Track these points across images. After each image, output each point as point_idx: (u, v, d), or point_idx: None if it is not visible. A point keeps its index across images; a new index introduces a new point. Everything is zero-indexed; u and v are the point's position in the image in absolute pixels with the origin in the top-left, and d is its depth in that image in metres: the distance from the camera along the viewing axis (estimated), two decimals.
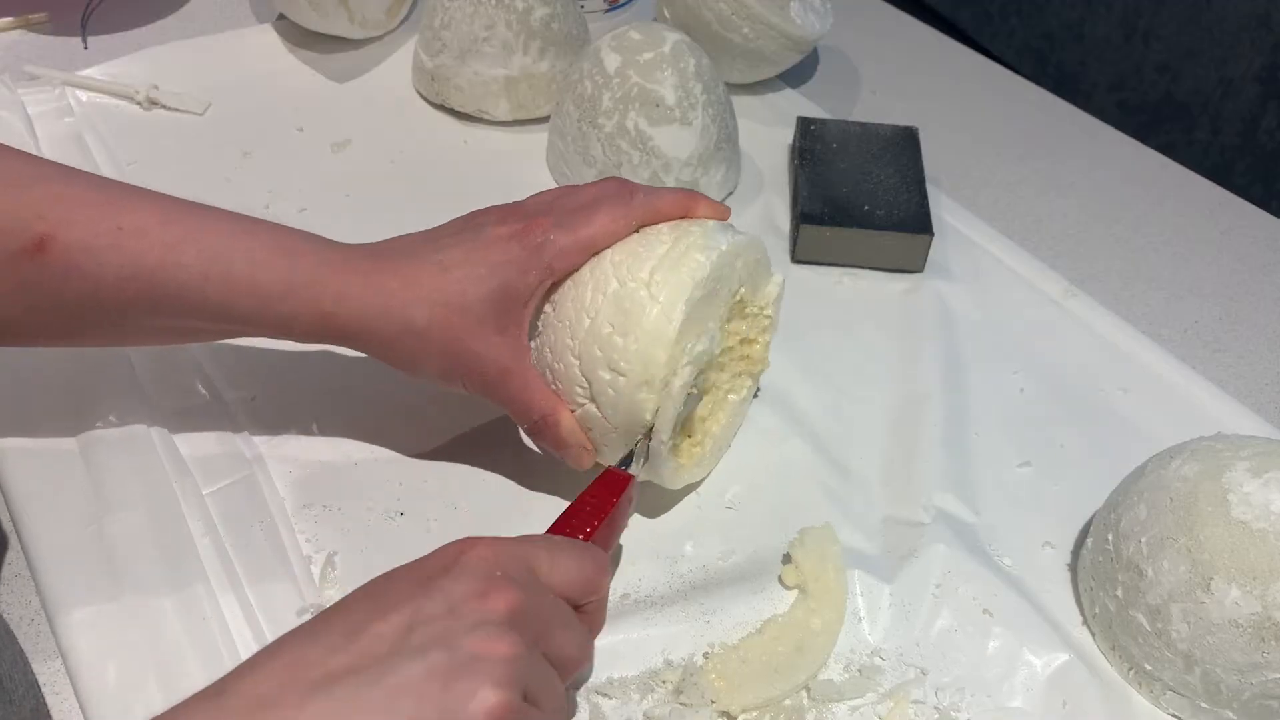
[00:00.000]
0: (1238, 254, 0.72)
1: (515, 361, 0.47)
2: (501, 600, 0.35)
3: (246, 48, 0.83)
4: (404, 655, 0.33)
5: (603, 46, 0.68)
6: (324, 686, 0.32)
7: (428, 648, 0.33)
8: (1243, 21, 1.57)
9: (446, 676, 0.32)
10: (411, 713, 0.31)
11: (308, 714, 0.31)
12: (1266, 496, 0.42)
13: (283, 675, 0.32)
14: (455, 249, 0.46)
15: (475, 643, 0.33)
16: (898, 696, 0.44)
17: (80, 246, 0.42)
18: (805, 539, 0.49)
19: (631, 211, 0.47)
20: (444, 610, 0.34)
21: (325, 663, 0.32)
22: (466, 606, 0.35)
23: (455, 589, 0.35)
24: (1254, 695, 0.42)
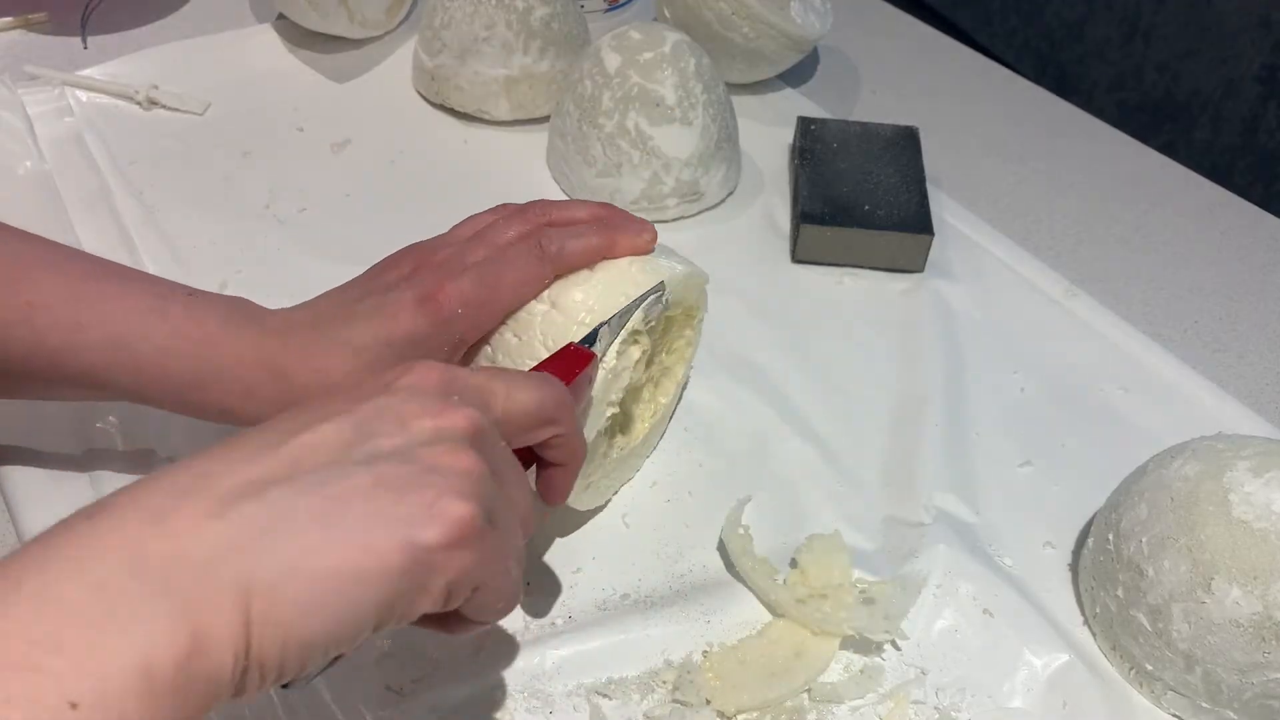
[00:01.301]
0: (1238, 254, 0.72)
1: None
2: (461, 418, 0.31)
3: (246, 48, 0.83)
4: (345, 464, 0.28)
5: (603, 46, 0.68)
6: (245, 494, 0.26)
7: (376, 458, 0.28)
8: (1243, 21, 1.57)
9: (401, 485, 0.28)
10: (359, 523, 0.27)
11: (220, 526, 0.25)
12: (1268, 496, 0.42)
13: (184, 485, 0.27)
14: (364, 324, 0.43)
15: (433, 454, 0.29)
16: (898, 696, 0.44)
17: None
18: (813, 545, 0.48)
19: (544, 269, 0.45)
20: (393, 425, 0.30)
21: (242, 472, 0.27)
22: (419, 422, 0.30)
23: (404, 406, 0.30)
24: (1255, 695, 0.42)
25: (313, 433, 0.29)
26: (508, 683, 0.43)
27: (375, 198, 0.70)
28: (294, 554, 0.26)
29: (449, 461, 0.29)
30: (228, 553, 0.25)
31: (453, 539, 0.28)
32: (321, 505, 0.27)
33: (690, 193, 0.69)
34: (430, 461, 0.29)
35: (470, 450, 0.30)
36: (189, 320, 0.43)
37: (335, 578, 0.26)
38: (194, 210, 0.67)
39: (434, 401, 0.31)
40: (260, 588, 0.25)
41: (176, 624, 0.24)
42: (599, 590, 0.48)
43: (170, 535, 0.25)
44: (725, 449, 0.55)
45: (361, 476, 0.28)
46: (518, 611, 0.46)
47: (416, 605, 0.28)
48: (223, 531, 0.25)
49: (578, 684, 0.44)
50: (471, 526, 0.28)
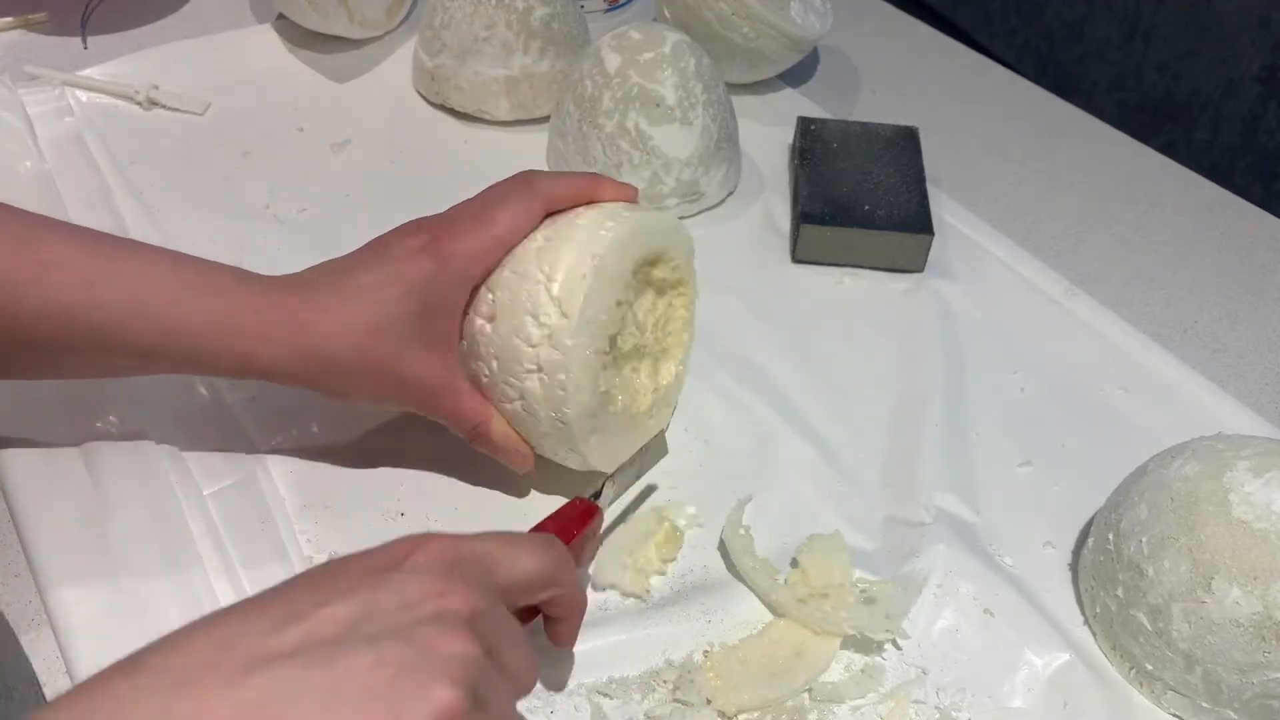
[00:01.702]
0: (1238, 254, 0.72)
1: (443, 377, 0.47)
2: (461, 600, 0.33)
3: (246, 48, 0.83)
4: (354, 642, 0.30)
5: (603, 46, 0.68)
6: (260, 665, 0.29)
7: (380, 637, 0.31)
8: (1243, 21, 1.57)
9: (399, 667, 0.30)
10: (357, 701, 0.29)
11: (239, 694, 0.28)
12: (1268, 496, 0.42)
13: (212, 652, 0.29)
14: (369, 273, 0.46)
15: (432, 637, 0.31)
16: (899, 696, 0.44)
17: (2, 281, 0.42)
18: (813, 545, 0.49)
19: (533, 203, 0.47)
20: (398, 604, 0.32)
21: (263, 642, 0.30)
22: (422, 603, 0.32)
23: (411, 585, 0.33)
24: (1255, 695, 0.42)
25: (328, 608, 0.31)
26: None
27: (375, 198, 0.70)
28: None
29: (443, 645, 0.31)
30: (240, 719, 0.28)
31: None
32: (326, 682, 0.29)
33: (690, 193, 0.69)
34: (427, 643, 0.31)
35: (466, 633, 0.32)
36: (201, 274, 0.45)
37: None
38: (194, 210, 0.67)
39: (438, 580, 0.33)
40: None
41: None
42: (600, 590, 0.48)
43: (192, 702, 0.28)
44: (725, 449, 0.55)
45: (364, 656, 0.30)
46: None
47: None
48: (237, 699, 0.28)
49: (579, 683, 0.44)
50: (456, 710, 0.30)
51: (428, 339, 0.46)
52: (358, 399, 0.48)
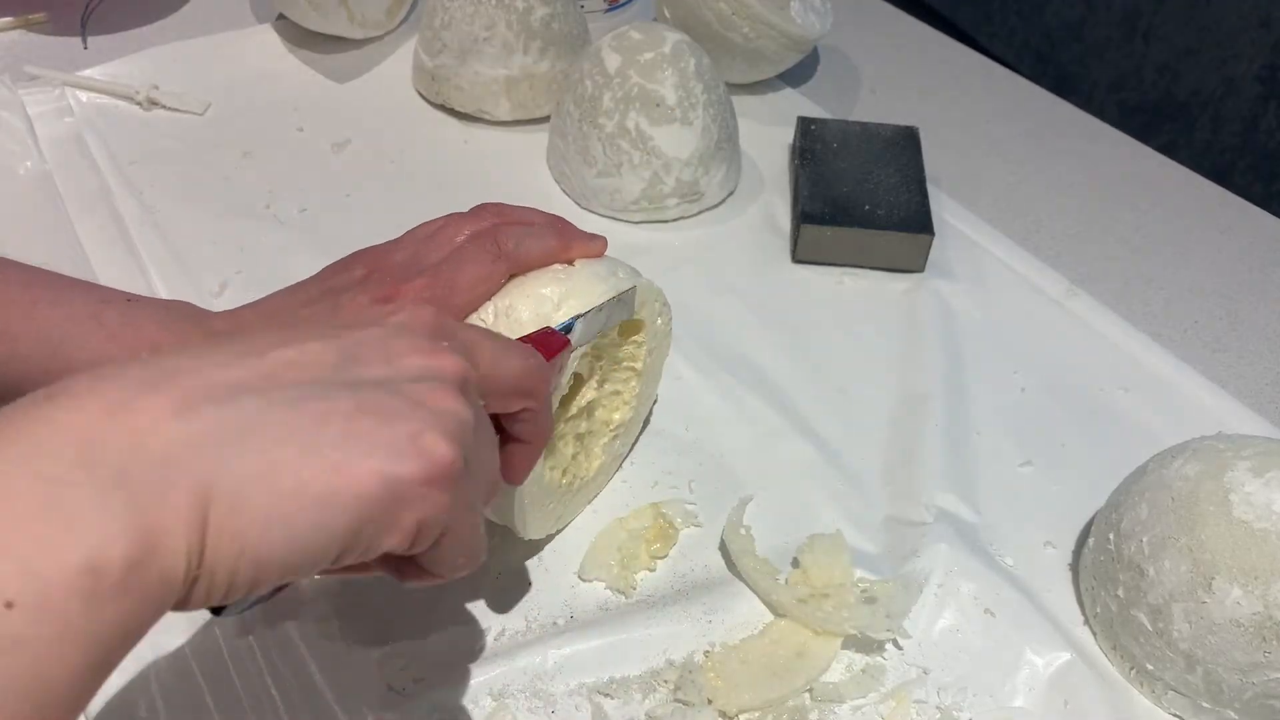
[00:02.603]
0: (1238, 254, 0.72)
1: None
2: (451, 363, 0.29)
3: (246, 48, 0.83)
4: (328, 384, 0.26)
5: (603, 46, 0.68)
6: (210, 397, 0.24)
7: (360, 384, 0.26)
8: (1243, 21, 1.57)
9: (384, 415, 0.26)
10: (337, 442, 0.25)
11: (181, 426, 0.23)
12: (1268, 496, 0.42)
13: (150, 378, 0.24)
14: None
15: (421, 390, 0.27)
16: (900, 696, 0.44)
17: None
18: (814, 545, 0.49)
19: (497, 267, 0.43)
20: (380, 356, 0.28)
21: (212, 373, 0.25)
22: (408, 359, 0.28)
23: (394, 341, 0.29)
24: (1256, 695, 0.42)
25: (296, 349, 0.27)
26: (509, 682, 0.43)
27: (375, 198, 0.70)
28: (261, 464, 0.24)
29: (436, 400, 0.28)
30: (189, 453, 0.23)
31: (432, 476, 0.27)
32: (297, 420, 0.25)
33: (690, 193, 0.69)
34: (417, 397, 0.27)
35: (458, 393, 0.29)
36: (127, 326, 0.41)
37: (303, 496, 0.24)
38: (194, 210, 0.67)
39: (425, 341, 0.30)
40: (221, 494, 0.23)
41: (128, 522, 0.22)
42: (600, 590, 0.48)
43: (128, 428, 0.23)
44: (726, 449, 0.55)
45: (344, 399, 0.26)
46: (519, 611, 0.47)
47: (383, 540, 0.27)
48: (185, 430, 0.23)
49: (579, 683, 0.44)
50: (453, 467, 0.27)
51: None
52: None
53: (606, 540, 0.49)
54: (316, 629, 0.45)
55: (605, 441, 0.51)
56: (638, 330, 0.50)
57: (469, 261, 0.43)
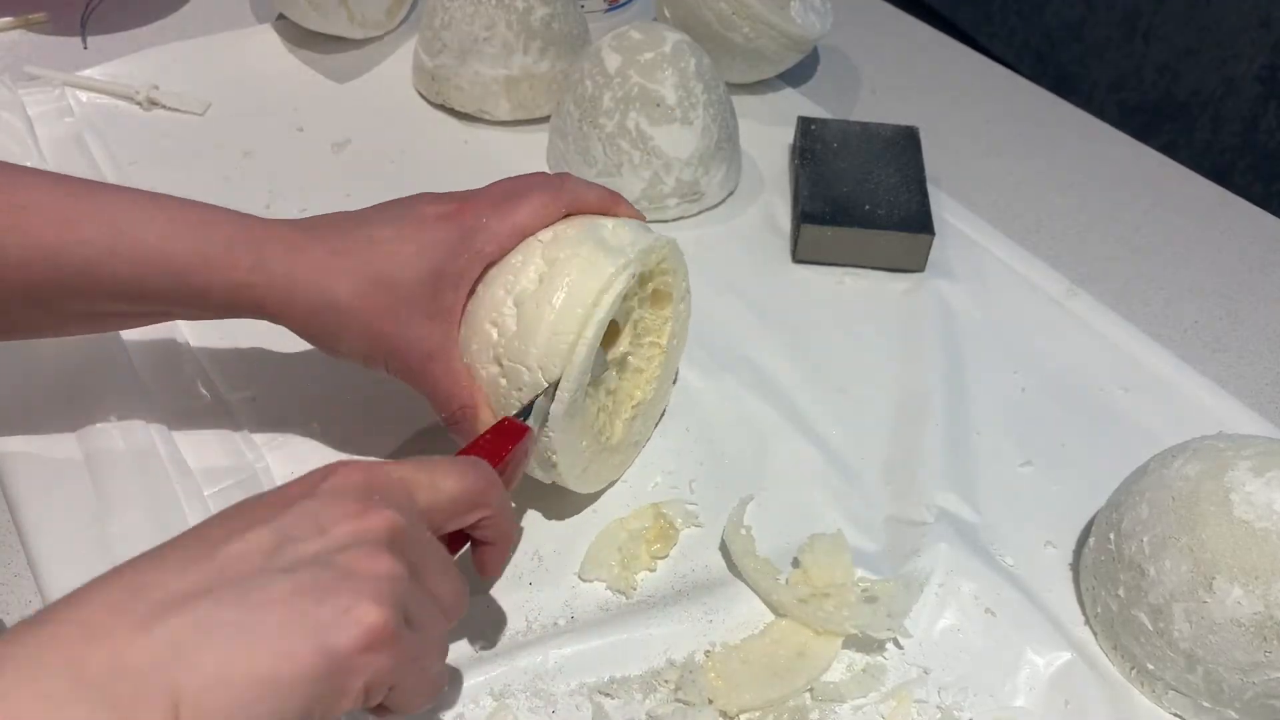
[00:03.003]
0: (1238, 254, 0.72)
1: (440, 348, 0.45)
2: (379, 520, 0.32)
3: (246, 48, 0.83)
4: (268, 573, 0.29)
5: (603, 46, 0.68)
6: (170, 609, 0.28)
7: (296, 566, 0.29)
8: (1243, 21, 1.57)
9: (318, 592, 0.29)
10: (277, 631, 0.28)
11: (149, 639, 0.27)
12: (1269, 496, 0.42)
13: (120, 598, 0.28)
14: (386, 225, 0.45)
15: (351, 559, 0.30)
16: (900, 696, 0.44)
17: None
18: (815, 545, 0.48)
19: (560, 198, 0.47)
20: (313, 530, 0.31)
21: (170, 584, 0.28)
22: (339, 527, 0.31)
23: (325, 510, 0.31)
24: (1256, 694, 0.42)
25: (238, 541, 0.30)
26: (510, 682, 0.43)
27: (375, 198, 0.69)
28: (216, 664, 0.27)
29: (365, 566, 0.30)
30: (157, 665, 0.27)
31: (367, 643, 0.29)
32: (242, 616, 0.28)
33: (691, 193, 0.69)
34: (347, 566, 0.30)
35: (387, 554, 0.31)
36: (186, 208, 0.43)
37: (256, 685, 0.27)
38: None
39: (353, 503, 0.32)
40: (187, 697, 0.27)
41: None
42: (601, 590, 0.48)
43: (105, 649, 0.27)
44: (726, 449, 0.55)
45: (281, 585, 0.29)
46: (520, 611, 0.47)
47: (336, 707, 0.30)
48: (151, 645, 0.27)
49: (580, 683, 0.44)
50: (385, 630, 0.30)
51: (432, 308, 0.44)
52: (345, 350, 0.45)
53: (607, 540, 0.49)
54: None
55: (626, 418, 0.52)
56: (666, 303, 0.52)
57: (534, 190, 0.47)
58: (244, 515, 0.32)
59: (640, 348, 0.52)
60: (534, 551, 0.49)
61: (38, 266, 0.41)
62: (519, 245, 0.46)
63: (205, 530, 0.31)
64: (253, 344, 0.57)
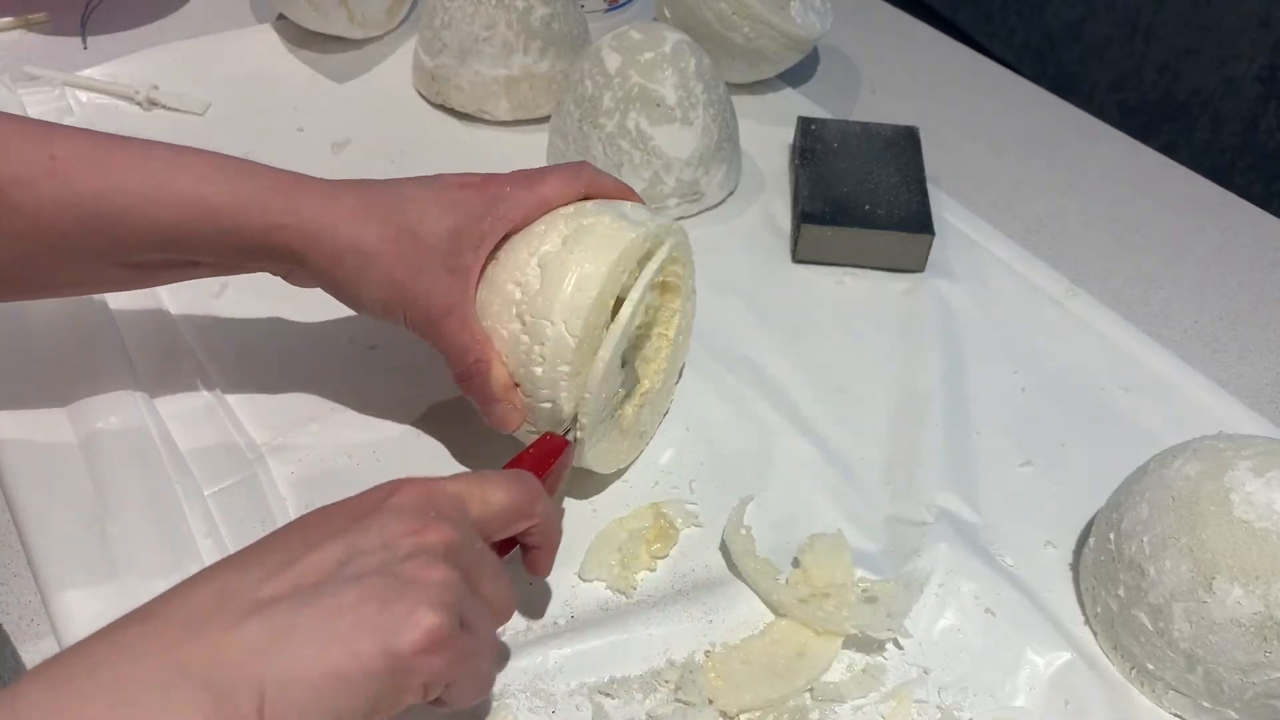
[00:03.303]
0: (1238, 254, 0.72)
1: (458, 303, 0.47)
2: (436, 534, 0.35)
3: (246, 48, 0.83)
4: (339, 581, 0.33)
5: (603, 46, 0.68)
6: (257, 610, 0.32)
7: (364, 574, 0.33)
8: (1243, 21, 1.57)
9: (383, 599, 0.33)
10: (347, 634, 0.31)
11: (239, 637, 0.31)
12: (1269, 496, 0.42)
13: (213, 600, 0.32)
14: (415, 187, 0.48)
15: (412, 569, 0.34)
16: (900, 696, 0.44)
17: (14, 180, 0.42)
18: (815, 545, 0.48)
19: (579, 180, 0.50)
20: (379, 544, 0.34)
21: (257, 589, 0.32)
22: (401, 540, 0.35)
23: (389, 525, 0.35)
24: (1256, 694, 0.42)
25: (315, 553, 0.34)
26: (510, 682, 0.43)
27: None
28: (296, 661, 0.31)
29: (424, 575, 0.34)
30: (246, 659, 0.30)
31: (425, 645, 0.33)
32: (317, 619, 0.32)
33: (691, 193, 0.69)
34: (409, 576, 0.34)
35: (443, 564, 0.35)
36: (220, 158, 0.46)
37: (329, 680, 0.31)
38: None
39: (414, 519, 0.36)
40: (271, 688, 0.30)
41: (210, 708, 0.29)
42: (601, 590, 0.48)
43: (203, 644, 0.31)
44: (726, 449, 0.55)
45: (351, 592, 0.32)
46: (519, 611, 0.47)
47: (398, 702, 0.33)
48: (241, 642, 0.31)
49: (580, 683, 0.44)
50: (441, 633, 0.33)
51: (452, 262, 0.46)
52: (367, 299, 0.47)
53: (607, 540, 0.49)
54: None
55: (636, 404, 0.53)
56: (675, 295, 0.53)
57: (557, 171, 0.50)
58: (318, 527, 0.35)
59: (649, 338, 0.53)
60: None
61: (75, 214, 0.43)
62: (541, 216, 0.49)
63: (284, 541, 0.35)
64: (253, 343, 0.57)
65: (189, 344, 0.57)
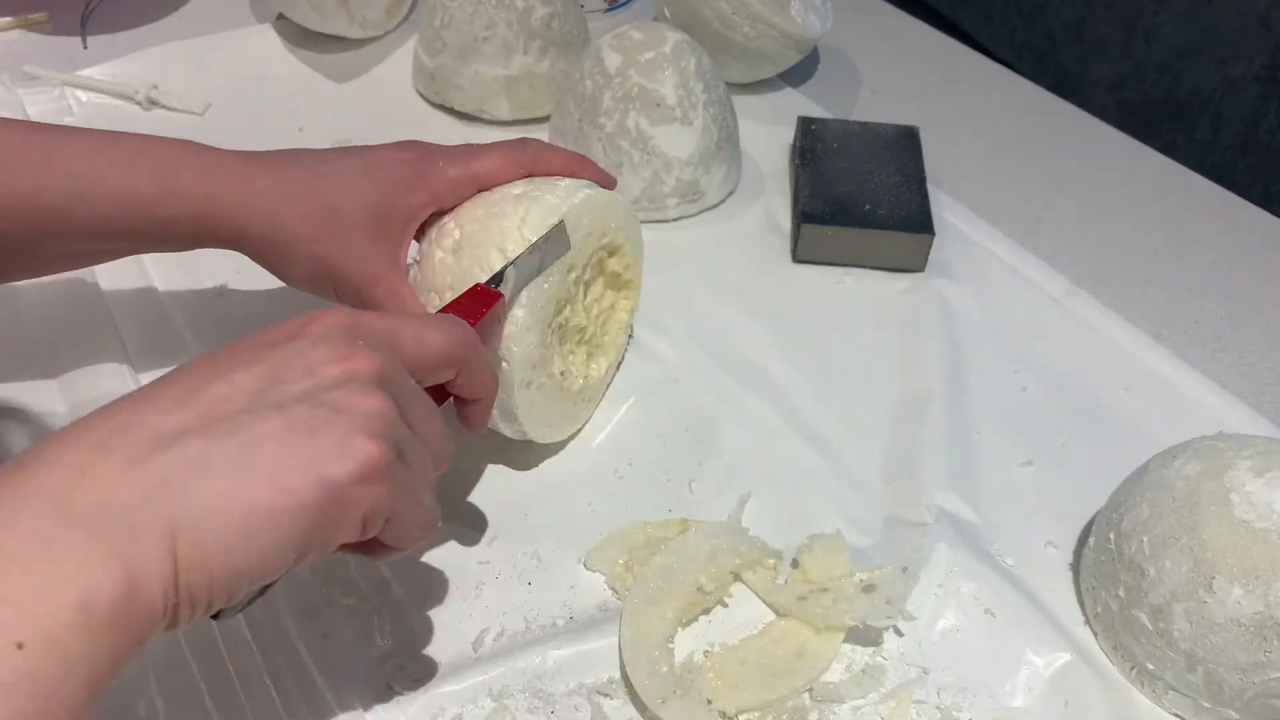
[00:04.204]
0: (1238, 254, 0.72)
1: (384, 272, 0.47)
2: (366, 362, 0.32)
3: (246, 48, 0.83)
4: (259, 409, 0.29)
5: (603, 46, 0.68)
6: (159, 446, 0.28)
7: (286, 403, 0.30)
8: (1243, 21, 1.57)
9: (311, 428, 0.29)
10: (272, 465, 0.28)
11: (141, 474, 0.27)
12: (1269, 496, 0.42)
13: (102, 439, 0.28)
14: (338, 160, 0.47)
15: (342, 397, 0.30)
16: (900, 696, 0.44)
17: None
18: (814, 545, 0.48)
19: (522, 158, 0.49)
20: (301, 370, 0.31)
21: (157, 423, 0.28)
22: (327, 368, 0.31)
23: (313, 351, 0.32)
24: (1256, 694, 0.42)
25: (224, 382, 0.30)
26: (509, 682, 0.43)
27: None
28: (212, 497, 0.27)
29: (357, 403, 0.31)
30: (149, 499, 0.27)
31: (363, 474, 0.30)
32: (235, 450, 0.28)
33: (691, 192, 0.69)
34: (339, 403, 0.30)
35: (378, 391, 0.32)
36: (145, 145, 0.46)
37: (254, 516, 0.28)
38: None
39: (341, 346, 0.32)
40: (183, 530, 0.27)
41: (109, 565, 0.25)
42: (600, 590, 0.48)
43: (93, 486, 0.26)
44: (726, 449, 0.55)
45: (273, 420, 0.29)
46: (519, 611, 0.47)
47: (334, 537, 0.30)
48: (142, 480, 0.27)
49: (579, 683, 0.44)
50: (380, 462, 0.30)
51: (377, 234, 0.46)
52: (297, 277, 0.47)
53: (623, 538, 0.49)
54: (316, 629, 0.44)
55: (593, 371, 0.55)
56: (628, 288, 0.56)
57: (497, 149, 0.49)
58: (229, 358, 0.32)
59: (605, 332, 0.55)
60: (533, 552, 0.49)
61: (12, 215, 0.43)
62: (479, 199, 0.49)
63: (189, 372, 0.31)
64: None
65: (189, 344, 0.57)
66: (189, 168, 0.45)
